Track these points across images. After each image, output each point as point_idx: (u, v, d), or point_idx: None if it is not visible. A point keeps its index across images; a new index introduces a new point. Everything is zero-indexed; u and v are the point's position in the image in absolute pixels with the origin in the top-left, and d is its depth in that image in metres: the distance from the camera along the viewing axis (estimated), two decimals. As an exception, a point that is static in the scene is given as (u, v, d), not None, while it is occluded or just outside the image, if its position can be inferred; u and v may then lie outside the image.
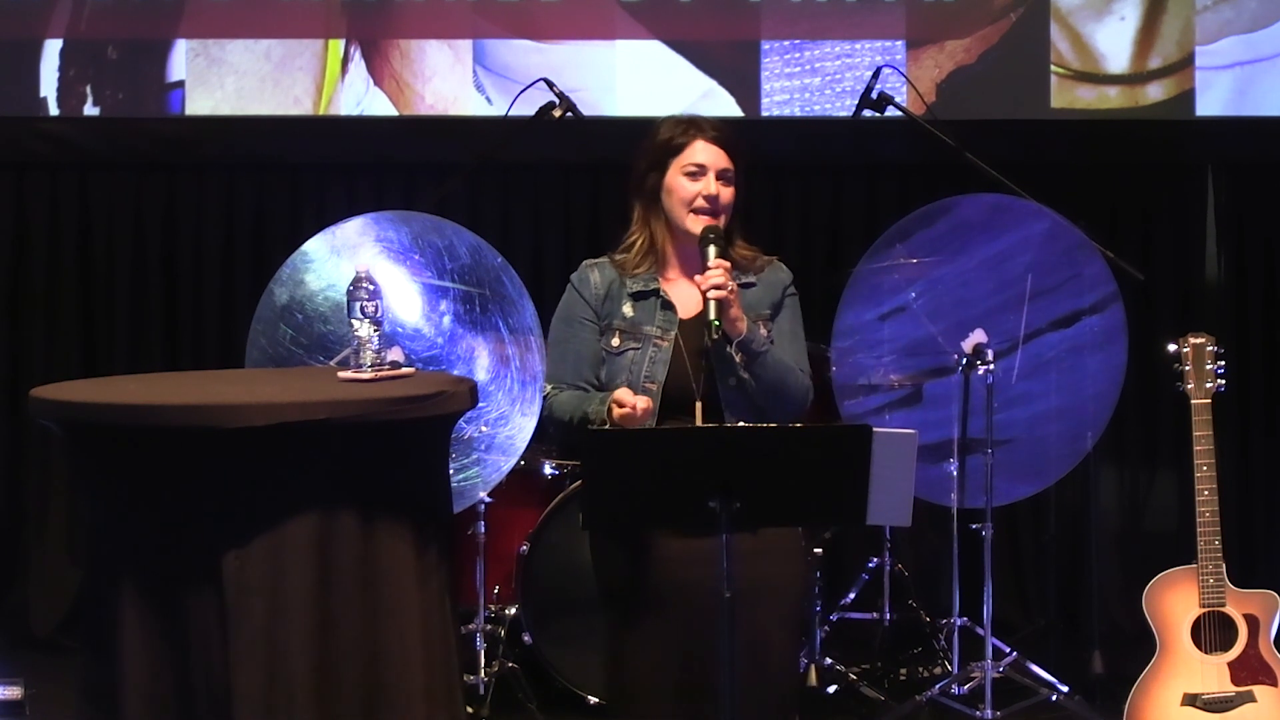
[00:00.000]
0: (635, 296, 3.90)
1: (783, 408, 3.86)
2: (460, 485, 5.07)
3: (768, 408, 3.84)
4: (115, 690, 3.63)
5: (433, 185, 6.14)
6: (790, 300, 3.96)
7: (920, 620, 5.90)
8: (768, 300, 3.93)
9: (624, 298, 3.90)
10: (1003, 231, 5.44)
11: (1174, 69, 6.43)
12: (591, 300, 3.92)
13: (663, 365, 3.84)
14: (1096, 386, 5.43)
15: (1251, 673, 4.74)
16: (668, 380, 3.83)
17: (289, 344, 5.10)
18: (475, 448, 5.15)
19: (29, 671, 5.45)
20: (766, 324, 3.90)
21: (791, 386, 3.86)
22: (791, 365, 3.88)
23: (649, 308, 3.89)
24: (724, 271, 3.75)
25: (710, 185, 3.85)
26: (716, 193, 3.85)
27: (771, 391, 3.83)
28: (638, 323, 3.87)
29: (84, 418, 3.72)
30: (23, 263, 6.57)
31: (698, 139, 3.87)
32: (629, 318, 3.87)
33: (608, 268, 3.94)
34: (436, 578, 3.80)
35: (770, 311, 3.92)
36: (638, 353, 3.84)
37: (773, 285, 3.95)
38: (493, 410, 5.12)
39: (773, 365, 3.83)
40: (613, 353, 3.88)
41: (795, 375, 3.88)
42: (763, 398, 3.83)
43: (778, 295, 3.94)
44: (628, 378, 3.84)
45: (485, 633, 5.44)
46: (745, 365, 3.80)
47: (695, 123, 3.91)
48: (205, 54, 6.41)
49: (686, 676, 3.72)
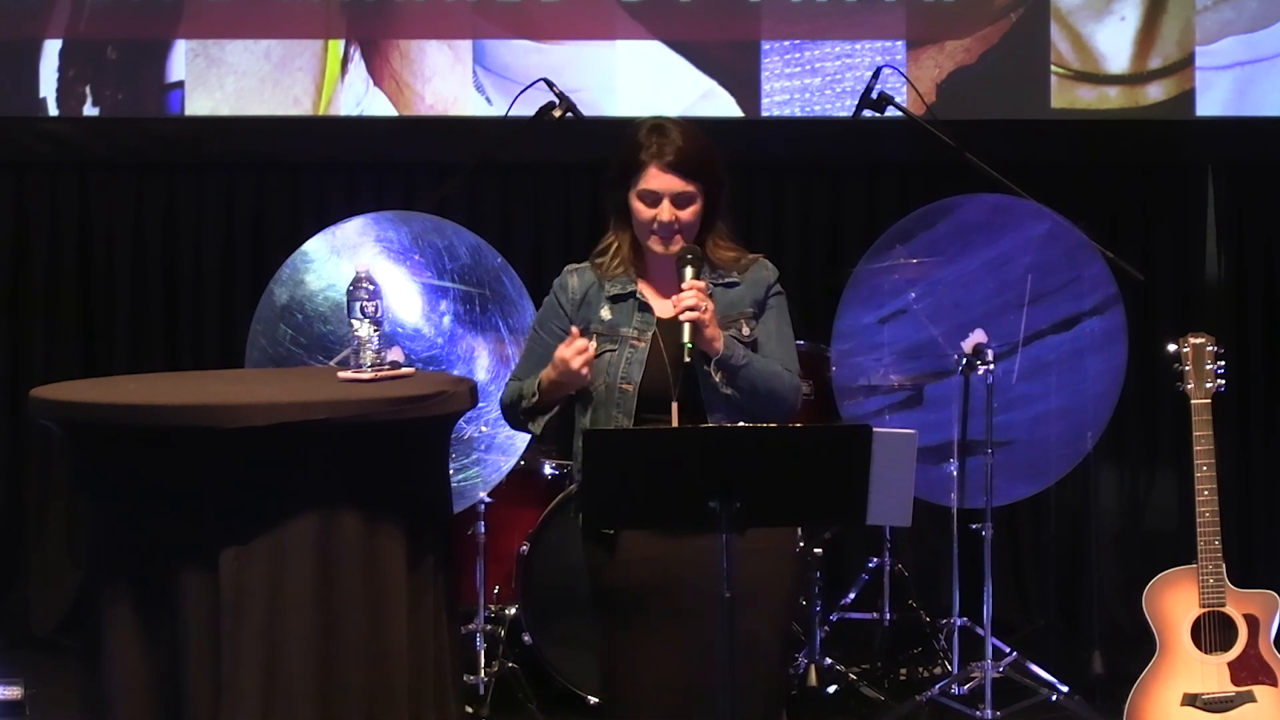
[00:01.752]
0: (613, 299, 3.89)
1: (772, 412, 3.85)
2: (460, 485, 5.07)
3: (757, 411, 3.84)
4: (115, 690, 3.63)
5: (433, 185, 6.14)
6: (776, 299, 3.94)
7: (920, 620, 5.89)
8: (749, 298, 3.91)
9: (601, 301, 3.89)
10: (1003, 233, 5.44)
11: (1174, 69, 6.43)
12: (567, 306, 3.92)
13: (639, 365, 3.83)
14: (1096, 388, 5.43)
15: (1251, 673, 4.74)
16: (643, 380, 3.82)
17: (289, 344, 5.10)
18: (475, 448, 5.15)
19: (29, 671, 5.45)
20: (749, 322, 3.89)
21: (779, 391, 3.85)
22: (777, 369, 3.86)
23: (626, 309, 3.88)
24: (697, 293, 3.74)
25: (665, 212, 3.82)
26: (670, 218, 3.81)
27: (756, 400, 3.82)
28: (615, 325, 3.87)
29: (84, 418, 3.72)
30: (23, 263, 6.56)
31: (652, 164, 3.81)
32: (606, 320, 3.87)
33: (587, 272, 3.94)
34: (436, 578, 3.80)
35: (753, 310, 3.91)
36: (614, 354, 3.84)
37: (756, 284, 3.93)
38: (493, 410, 5.11)
39: (756, 375, 3.82)
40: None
41: (781, 379, 3.86)
42: (749, 406, 3.83)
43: (761, 294, 3.92)
44: (605, 379, 3.83)
45: (485, 633, 5.44)
46: (727, 381, 3.80)
47: (655, 138, 3.84)
48: (205, 54, 6.41)
49: (678, 676, 3.72)
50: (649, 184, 3.82)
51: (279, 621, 3.56)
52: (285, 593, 3.56)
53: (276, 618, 3.56)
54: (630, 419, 3.80)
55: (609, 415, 3.83)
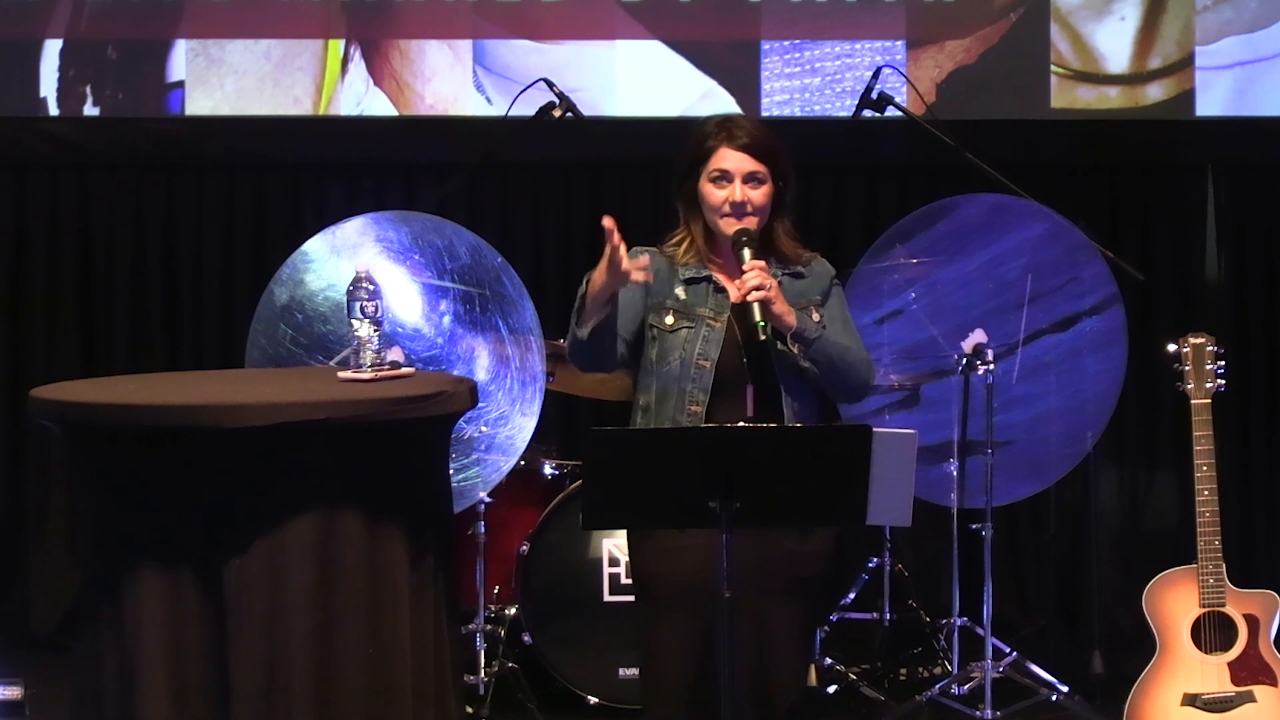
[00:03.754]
0: (687, 281, 3.93)
1: (849, 384, 3.93)
2: (460, 485, 5.07)
3: (834, 387, 3.93)
4: (111, 689, 3.63)
5: (433, 185, 6.14)
6: (836, 289, 4.03)
7: (920, 620, 5.90)
8: (816, 289, 3.98)
9: (676, 281, 3.93)
10: (1003, 233, 5.44)
11: (1174, 69, 6.43)
12: (639, 259, 3.88)
13: (716, 345, 3.87)
14: (1096, 388, 5.43)
15: (1251, 673, 4.74)
16: (720, 360, 3.86)
17: (289, 344, 5.10)
18: (475, 448, 5.15)
19: (29, 671, 5.46)
20: (818, 309, 3.95)
21: (854, 363, 3.92)
22: (848, 344, 3.94)
23: (701, 291, 3.92)
24: (759, 271, 3.78)
25: (736, 191, 3.87)
26: (743, 198, 3.87)
27: (835, 371, 3.89)
28: (690, 304, 3.91)
29: (84, 418, 3.72)
30: (23, 263, 6.56)
31: (723, 145, 3.89)
32: (682, 299, 3.91)
33: (658, 256, 3.97)
34: (436, 578, 3.80)
35: (821, 298, 3.98)
36: (691, 331, 3.88)
37: (820, 276, 4.01)
38: (493, 410, 5.13)
39: (831, 346, 3.88)
40: (666, 330, 3.90)
41: (855, 351, 3.94)
42: (827, 380, 3.90)
43: (826, 284, 4.00)
44: (681, 355, 3.87)
45: (485, 633, 5.44)
46: (804, 355, 3.85)
47: (725, 126, 3.92)
48: (205, 54, 6.41)
49: (711, 670, 3.74)
50: (721, 163, 3.88)
51: (279, 621, 3.56)
52: (285, 593, 3.56)
53: (276, 618, 3.56)
54: (707, 395, 3.84)
55: (683, 391, 3.85)
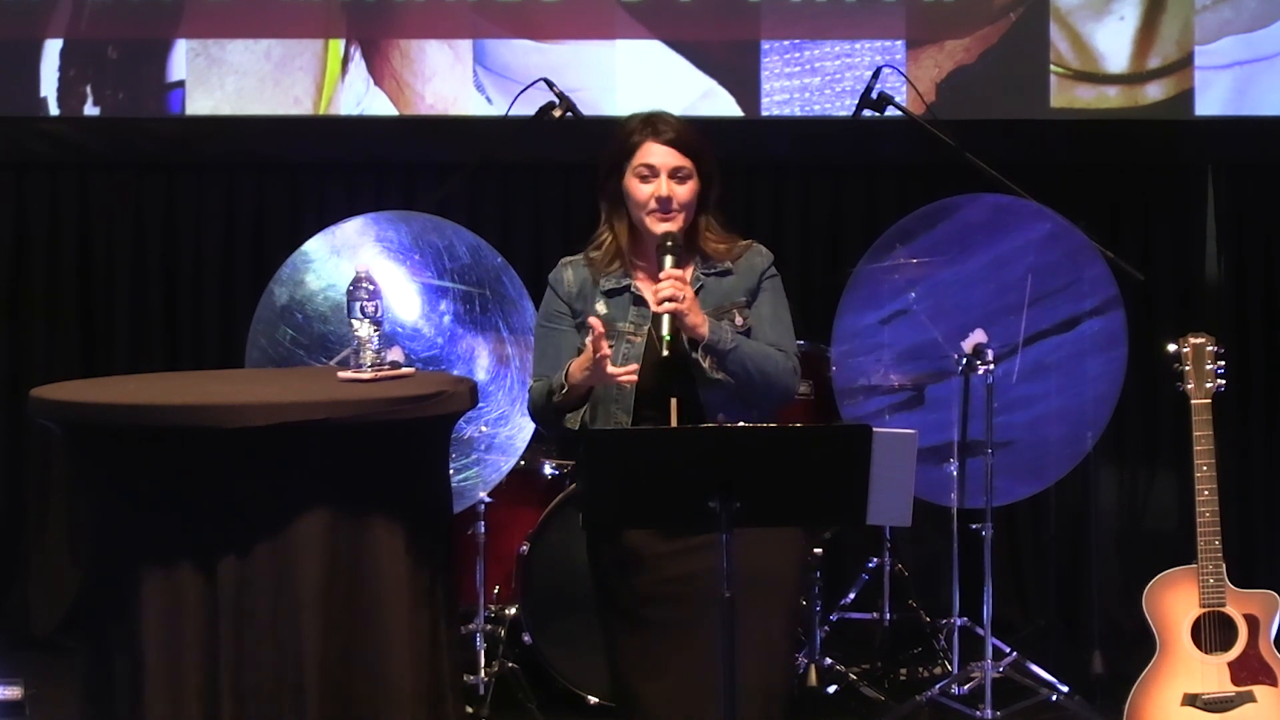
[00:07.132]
0: (608, 294, 3.90)
1: (767, 395, 3.86)
2: (460, 485, 5.07)
3: (752, 398, 3.85)
4: (114, 689, 3.63)
5: (433, 185, 6.14)
6: (770, 282, 3.95)
7: (920, 620, 5.90)
8: (743, 287, 3.92)
9: (597, 296, 3.90)
10: (1004, 233, 5.43)
11: (1173, 69, 6.43)
12: (565, 298, 3.93)
13: (635, 360, 3.83)
14: (1097, 389, 5.43)
15: (1251, 673, 4.74)
16: (640, 375, 3.80)
17: (289, 344, 5.11)
18: (475, 448, 5.16)
19: (29, 671, 5.46)
20: (743, 311, 3.90)
21: (772, 373, 3.85)
22: (769, 351, 3.87)
23: (622, 304, 3.89)
24: (674, 282, 3.74)
25: (662, 186, 3.84)
26: (669, 194, 3.84)
27: (751, 382, 3.83)
28: (610, 319, 3.86)
29: (84, 418, 3.72)
30: (23, 263, 6.56)
31: (648, 140, 3.85)
32: (602, 315, 3.86)
33: (581, 266, 3.95)
34: (436, 578, 3.80)
35: (746, 299, 3.92)
36: (612, 349, 3.82)
37: (750, 271, 3.94)
38: (493, 410, 5.13)
39: (747, 357, 3.82)
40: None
41: (774, 360, 3.87)
42: (744, 390, 3.83)
43: (754, 281, 3.93)
44: None
45: (485, 633, 5.44)
46: (716, 366, 3.81)
47: (649, 122, 3.89)
48: (205, 54, 6.41)
49: (690, 678, 3.72)
50: (646, 158, 3.85)
51: (279, 622, 3.56)
52: (285, 593, 3.57)
53: (276, 618, 3.56)
54: (629, 415, 3.81)
55: (608, 412, 3.83)
